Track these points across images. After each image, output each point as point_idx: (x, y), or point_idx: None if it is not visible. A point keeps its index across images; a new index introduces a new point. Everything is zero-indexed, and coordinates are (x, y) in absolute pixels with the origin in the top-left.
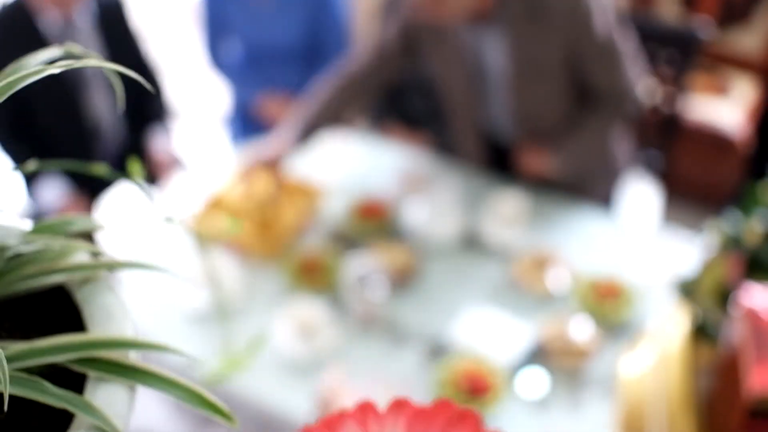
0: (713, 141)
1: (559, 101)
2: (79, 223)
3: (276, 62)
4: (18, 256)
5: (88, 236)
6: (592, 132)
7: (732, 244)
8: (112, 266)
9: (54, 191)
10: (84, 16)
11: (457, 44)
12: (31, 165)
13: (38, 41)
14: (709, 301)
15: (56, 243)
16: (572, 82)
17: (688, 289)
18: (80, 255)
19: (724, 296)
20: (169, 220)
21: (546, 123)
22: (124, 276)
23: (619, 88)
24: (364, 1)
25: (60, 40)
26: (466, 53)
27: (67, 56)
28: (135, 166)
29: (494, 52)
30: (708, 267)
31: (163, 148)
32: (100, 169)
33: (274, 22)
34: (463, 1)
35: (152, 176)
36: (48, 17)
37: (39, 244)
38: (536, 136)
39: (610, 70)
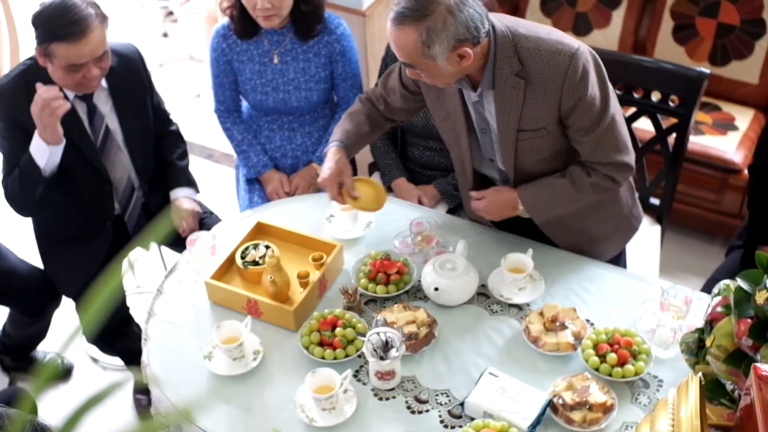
0: (717, 176)
1: (554, 163)
2: None
3: (294, 122)
4: None
5: None
6: (565, 190)
7: (741, 305)
8: None
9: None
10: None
11: (455, 102)
12: None
13: None
14: (719, 360)
15: None
16: (568, 145)
17: (698, 348)
18: None
19: (735, 357)
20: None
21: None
22: (152, 339)
23: (603, 158)
24: (374, 59)
25: (80, 100)
26: (460, 110)
27: None
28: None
29: (490, 112)
30: (718, 327)
31: (186, 199)
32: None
33: (293, 84)
34: (443, 70)
35: (176, 229)
36: None
37: None
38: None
39: (598, 140)
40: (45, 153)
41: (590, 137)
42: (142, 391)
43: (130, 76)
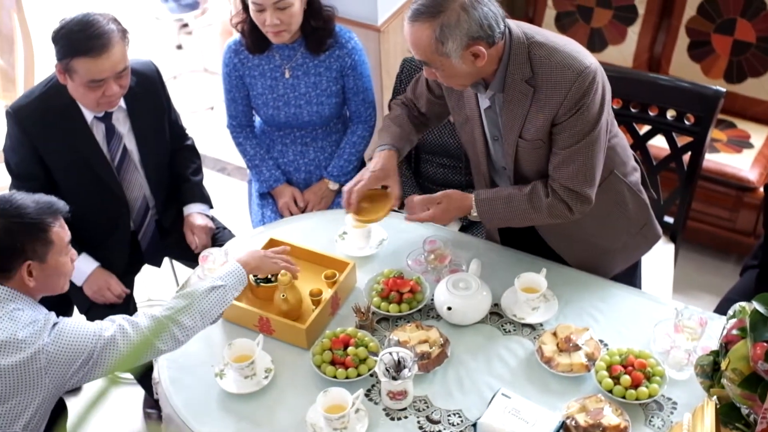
0: (731, 194)
1: None
2: None
3: (306, 137)
4: None
5: None
6: (521, 206)
7: (757, 328)
8: None
9: (85, 267)
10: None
11: (472, 108)
12: None
13: (77, 122)
14: (734, 384)
15: None
16: None
17: (713, 370)
18: None
19: (750, 381)
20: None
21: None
22: (163, 356)
23: (567, 180)
24: (389, 75)
25: (98, 121)
26: (476, 116)
27: None
28: None
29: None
30: (733, 350)
31: (199, 216)
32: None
33: (304, 99)
34: (457, 69)
35: (189, 245)
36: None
37: None
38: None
39: (569, 156)
40: (80, 278)
41: (564, 151)
42: (152, 406)
43: (148, 95)
